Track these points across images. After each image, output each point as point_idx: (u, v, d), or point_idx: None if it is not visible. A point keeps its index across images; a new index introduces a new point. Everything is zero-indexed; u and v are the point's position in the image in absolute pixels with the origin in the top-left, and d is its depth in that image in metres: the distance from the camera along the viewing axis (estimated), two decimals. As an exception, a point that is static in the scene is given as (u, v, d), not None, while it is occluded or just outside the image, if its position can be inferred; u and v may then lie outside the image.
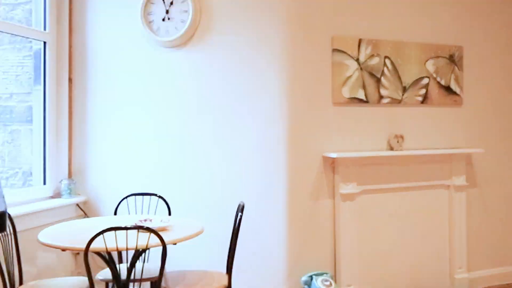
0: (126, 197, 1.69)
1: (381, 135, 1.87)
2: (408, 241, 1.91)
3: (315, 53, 1.70)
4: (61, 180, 1.95)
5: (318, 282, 1.52)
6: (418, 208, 1.93)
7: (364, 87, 1.80)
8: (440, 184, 1.96)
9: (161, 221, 1.20)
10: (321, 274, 1.60)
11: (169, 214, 1.67)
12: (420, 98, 1.95)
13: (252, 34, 1.72)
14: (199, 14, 1.81)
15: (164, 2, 1.85)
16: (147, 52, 1.90)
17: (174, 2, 1.82)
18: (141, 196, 1.77)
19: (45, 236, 1.07)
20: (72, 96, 2.04)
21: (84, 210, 1.99)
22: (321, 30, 1.71)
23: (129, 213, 1.77)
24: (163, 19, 1.83)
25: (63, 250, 1.01)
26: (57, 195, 1.94)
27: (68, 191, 1.92)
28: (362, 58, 1.80)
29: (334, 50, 1.72)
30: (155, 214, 1.69)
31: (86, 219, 1.55)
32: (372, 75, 1.82)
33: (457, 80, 2.05)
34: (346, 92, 1.75)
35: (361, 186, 1.73)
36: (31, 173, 2.06)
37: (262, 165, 1.69)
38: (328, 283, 1.52)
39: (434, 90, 2.00)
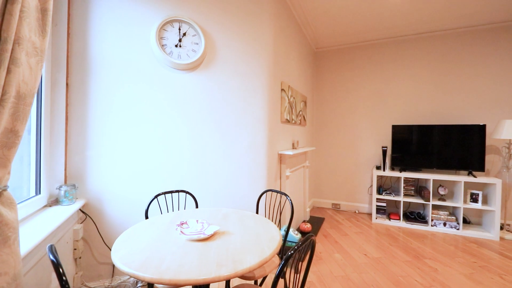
0: (156, 196, 1.84)
1: (290, 140, 3.31)
2: (296, 191, 3.51)
3: (275, 90, 2.76)
4: (60, 187, 1.64)
5: (291, 232, 2.64)
6: (299, 175, 3.59)
7: (289, 113, 3.13)
8: (302, 165, 3.76)
9: (206, 223, 1.42)
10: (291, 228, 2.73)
11: (196, 207, 2.04)
12: (299, 121, 3.62)
13: (245, 69, 2.45)
14: (207, 47, 2.27)
15: (179, 31, 2.13)
16: (158, 70, 2.18)
17: (186, 34, 2.16)
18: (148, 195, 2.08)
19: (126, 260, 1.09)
20: (69, 101, 1.74)
21: (87, 213, 2.00)
22: (277, 77, 2.80)
23: (161, 213, 1.90)
24: (176, 46, 2.12)
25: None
26: (54, 202, 1.66)
27: (70, 197, 1.68)
28: (289, 96, 3.12)
29: (281, 89, 2.89)
30: (184, 209, 1.98)
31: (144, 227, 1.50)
32: (290, 106, 3.20)
33: (305, 112, 3.98)
34: (284, 115, 2.98)
35: (290, 169, 3.06)
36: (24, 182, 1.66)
37: (251, 161, 2.49)
38: (296, 232, 2.67)
39: (302, 117, 3.77)
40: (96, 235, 2.04)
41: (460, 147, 3.55)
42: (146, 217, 1.74)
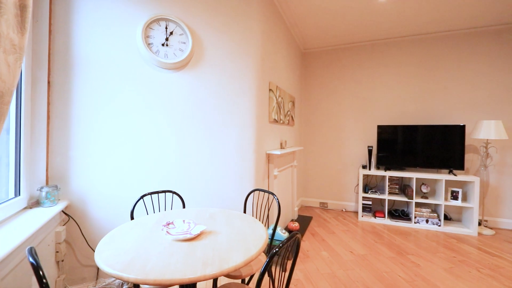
0: (142, 197, 1.82)
1: (278, 140, 3.34)
2: (284, 190, 3.54)
3: (263, 90, 2.77)
4: (41, 188, 1.59)
5: (278, 230, 2.66)
6: (287, 175, 3.62)
7: (277, 113, 3.16)
8: (290, 165, 3.79)
9: (193, 223, 1.41)
10: (278, 227, 2.75)
11: (183, 207, 2.03)
12: (287, 121, 3.65)
13: (232, 69, 2.46)
14: (194, 47, 2.26)
15: (166, 30, 2.12)
16: (144, 69, 2.17)
17: (173, 33, 2.14)
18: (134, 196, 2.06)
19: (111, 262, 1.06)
20: (50, 99, 1.70)
21: (69, 214, 1.96)
22: (265, 78, 2.82)
23: (147, 213, 1.88)
24: (163, 45, 2.11)
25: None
26: (34, 204, 1.62)
27: (52, 198, 1.64)
28: (277, 96, 3.14)
29: (269, 89, 2.91)
30: (171, 209, 1.97)
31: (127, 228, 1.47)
32: (278, 106, 3.22)
33: (293, 112, 4.02)
34: (272, 115, 3.00)
35: (278, 169, 3.08)
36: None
37: (238, 161, 2.49)
38: (284, 231, 2.70)
39: (290, 117, 3.81)
40: (80, 237, 1.99)
41: (441, 147, 3.68)
42: (132, 218, 1.72)
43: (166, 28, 2.14)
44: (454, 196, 3.55)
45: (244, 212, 2.00)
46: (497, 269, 2.51)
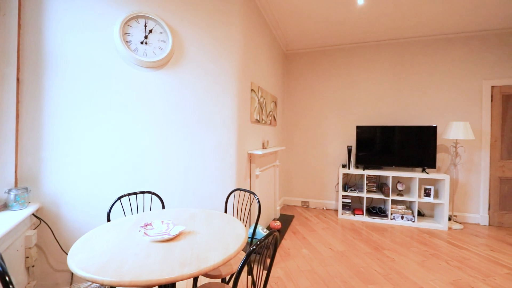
0: (119, 198, 1.78)
1: (261, 140, 3.36)
2: (266, 190, 3.57)
3: (245, 90, 2.79)
4: (9, 190, 1.53)
5: (259, 229, 2.68)
6: (269, 174, 3.65)
7: (259, 113, 3.18)
8: (272, 165, 3.83)
9: (172, 223, 1.40)
10: (258, 226, 2.77)
11: (163, 208, 2.00)
12: (269, 121, 3.69)
13: (214, 69, 2.45)
14: (175, 45, 2.24)
15: (145, 28, 2.08)
16: (122, 67, 2.12)
17: (153, 31, 2.12)
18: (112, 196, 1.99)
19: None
20: (20, 97, 1.60)
21: (41, 218, 1.86)
22: (247, 78, 2.83)
23: (125, 215, 1.84)
24: (142, 42, 2.07)
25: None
26: (2, 208, 1.61)
27: (22, 201, 1.56)
28: (259, 96, 3.16)
29: (251, 90, 2.93)
30: (150, 210, 1.94)
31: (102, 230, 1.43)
32: (260, 106, 3.25)
33: (275, 113, 4.06)
34: (254, 116, 3.02)
35: (260, 168, 3.11)
36: None
37: (220, 161, 2.49)
38: (265, 230, 2.72)
39: (272, 117, 3.85)
40: (53, 241, 1.91)
41: (415, 146, 3.87)
42: (108, 220, 1.68)
43: (145, 26, 2.10)
44: (427, 193, 3.75)
45: (225, 212, 2.00)
46: (464, 261, 2.68)
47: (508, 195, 3.76)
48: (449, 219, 3.88)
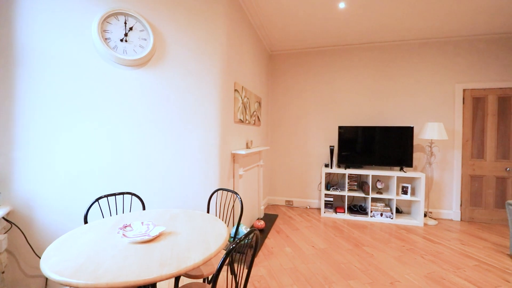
0: (97, 200, 1.74)
1: (244, 140, 3.37)
2: (250, 189, 3.58)
3: (228, 90, 2.78)
4: None
5: (242, 228, 2.69)
6: (253, 174, 3.67)
7: (242, 113, 3.19)
8: (256, 164, 3.85)
9: (152, 224, 1.40)
10: (241, 225, 2.78)
11: (144, 209, 1.97)
12: (253, 121, 3.71)
13: (196, 68, 2.44)
14: (156, 44, 2.21)
15: (125, 25, 2.04)
16: (100, 65, 2.07)
17: (133, 29, 2.08)
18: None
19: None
20: None
21: (12, 221, 1.77)
22: (231, 78, 2.84)
23: (103, 217, 1.80)
24: (121, 40, 2.03)
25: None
26: None
27: None
28: (243, 96, 3.17)
29: (235, 90, 2.93)
30: (130, 211, 1.91)
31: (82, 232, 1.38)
32: (244, 106, 3.26)
33: (259, 113, 4.09)
34: (238, 115, 3.02)
35: (244, 168, 3.11)
36: None
37: (202, 161, 2.48)
38: (248, 229, 2.73)
39: (256, 117, 3.87)
40: (25, 246, 1.83)
41: (394, 146, 4.02)
42: (86, 223, 1.63)
43: (125, 23, 2.05)
44: (404, 191, 3.90)
45: (208, 212, 1.99)
46: (437, 255, 2.82)
47: (478, 192, 3.99)
48: (425, 215, 4.07)
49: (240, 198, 1.86)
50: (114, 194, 1.80)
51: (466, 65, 4.02)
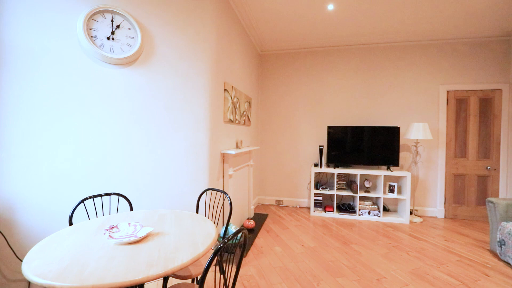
0: (83, 201, 1.71)
1: (234, 139, 3.37)
2: (240, 189, 3.58)
3: (218, 90, 2.78)
4: None
5: (232, 228, 2.69)
6: (243, 174, 3.67)
7: (232, 113, 3.19)
8: (246, 164, 3.86)
9: (139, 225, 1.38)
10: (231, 225, 2.78)
11: (131, 210, 1.95)
12: (243, 121, 3.71)
13: (185, 67, 2.42)
14: (144, 42, 2.19)
15: (111, 23, 2.01)
16: (86, 63, 2.04)
17: (120, 27, 2.05)
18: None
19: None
20: None
21: None
22: (220, 77, 2.83)
23: (89, 218, 1.77)
24: (108, 38, 2.00)
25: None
26: None
27: None
28: (232, 96, 3.17)
29: (225, 89, 2.93)
30: (117, 213, 1.88)
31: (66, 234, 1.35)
32: (234, 106, 3.25)
33: (249, 112, 4.10)
34: (227, 115, 3.02)
35: (234, 168, 3.11)
36: None
37: (192, 161, 2.46)
38: (237, 229, 2.73)
39: (247, 117, 3.88)
40: (6, 249, 1.77)
41: (381, 146, 4.11)
42: (71, 224, 1.59)
43: (112, 21, 2.02)
44: (391, 190, 4.00)
45: (197, 212, 1.99)
46: (422, 251, 2.90)
47: (460, 190, 4.13)
48: (411, 213, 4.18)
49: (229, 198, 1.86)
50: (100, 195, 1.77)
51: (449, 67, 4.15)
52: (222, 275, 1.86)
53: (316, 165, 4.40)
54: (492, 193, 4.03)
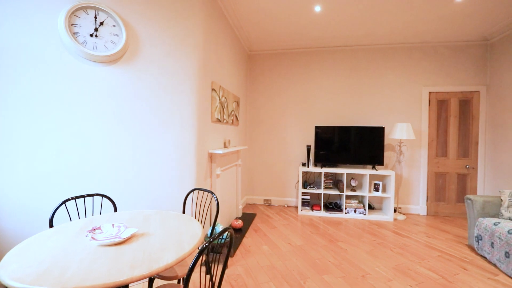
0: (64, 202, 1.67)
1: (222, 139, 3.36)
2: (228, 189, 3.57)
3: (205, 89, 2.76)
4: None
5: (219, 228, 2.68)
6: (231, 174, 3.66)
7: (220, 112, 3.18)
8: (234, 164, 3.85)
9: (124, 226, 1.36)
10: (218, 225, 2.76)
11: (115, 211, 1.91)
12: (231, 120, 3.71)
13: (172, 66, 2.39)
14: (129, 40, 2.15)
15: (95, 20, 1.96)
16: (68, 60, 1.99)
17: (104, 24, 2.01)
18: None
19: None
20: None
21: None
22: (208, 77, 2.81)
23: (71, 220, 1.73)
24: (91, 35, 1.96)
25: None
26: None
27: None
28: (220, 96, 3.16)
29: (212, 89, 2.91)
30: (100, 214, 1.84)
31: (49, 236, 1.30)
32: (222, 106, 3.24)
33: (237, 112, 4.10)
34: (215, 115, 3.01)
35: (221, 168, 3.10)
36: None
37: (178, 161, 2.44)
38: (225, 227, 2.72)
39: (235, 117, 3.87)
40: (-17, 253, 1.70)
41: (367, 145, 4.21)
42: (51, 227, 1.55)
43: (96, 17, 1.97)
44: (376, 188, 4.10)
45: (183, 212, 1.97)
46: (405, 248, 3.00)
47: (442, 188, 4.29)
48: (395, 210, 4.30)
49: (216, 197, 1.86)
50: (83, 196, 1.73)
51: (431, 70, 4.30)
52: (209, 275, 1.86)
53: (304, 164, 4.45)
54: (470, 191, 4.21)
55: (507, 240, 2.38)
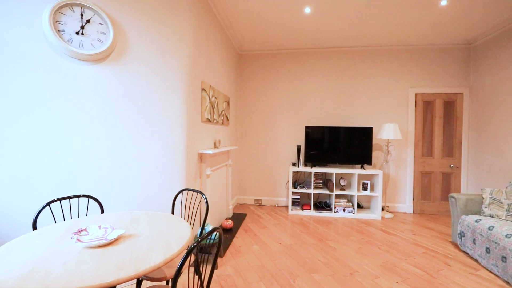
0: (48, 204, 1.63)
1: (212, 139, 3.35)
2: (218, 189, 3.56)
3: (195, 89, 2.75)
4: None
5: (208, 228, 2.66)
6: (221, 174, 3.65)
7: (210, 112, 3.16)
8: (225, 164, 3.85)
9: (110, 227, 1.33)
10: (207, 225, 2.75)
11: (102, 212, 1.88)
12: (221, 120, 3.70)
13: (161, 66, 2.37)
14: (117, 38, 2.12)
15: (81, 17, 1.92)
16: (52, 58, 1.95)
17: (91, 21, 1.97)
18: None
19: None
20: None
21: None
22: (197, 76, 2.80)
23: (55, 222, 1.69)
24: (77, 33, 1.92)
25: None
26: None
27: None
28: (210, 96, 3.15)
29: (202, 89, 2.90)
30: (86, 215, 1.81)
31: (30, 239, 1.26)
32: (212, 106, 3.23)
33: (228, 112, 4.09)
34: (205, 115, 3.00)
35: (211, 168, 3.09)
36: None
37: (168, 161, 2.42)
38: (214, 227, 2.71)
39: (225, 117, 3.86)
40: (-38, 257, 1.64)
41: (356, 145, 4.28)
42: (35, 229, 1.51)
43: (82, 15, 1.93)
44: (365, 187, 4.18)
45: (172, 213, 1.96)
46: (392, 245, 3.07)
47: (427, 187, 4.41)
48: (382, 209, 4.39)
49: (205, 198, 1.86)
50: (68, 197, 1.69)
51: (418, 71, 4.41)
52: (197, 276, 1.85)
53: (294, 164, 4.48)
54: (454, 189, 4.34)
55: (488, 237, 2.47)
